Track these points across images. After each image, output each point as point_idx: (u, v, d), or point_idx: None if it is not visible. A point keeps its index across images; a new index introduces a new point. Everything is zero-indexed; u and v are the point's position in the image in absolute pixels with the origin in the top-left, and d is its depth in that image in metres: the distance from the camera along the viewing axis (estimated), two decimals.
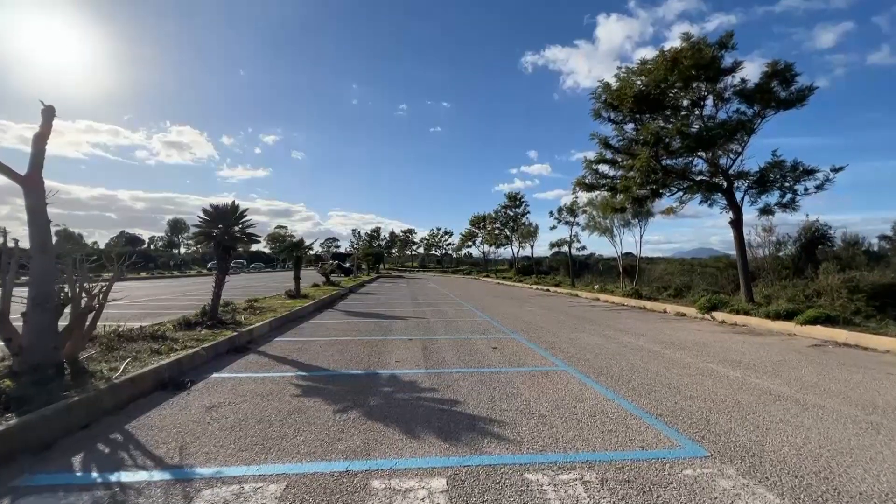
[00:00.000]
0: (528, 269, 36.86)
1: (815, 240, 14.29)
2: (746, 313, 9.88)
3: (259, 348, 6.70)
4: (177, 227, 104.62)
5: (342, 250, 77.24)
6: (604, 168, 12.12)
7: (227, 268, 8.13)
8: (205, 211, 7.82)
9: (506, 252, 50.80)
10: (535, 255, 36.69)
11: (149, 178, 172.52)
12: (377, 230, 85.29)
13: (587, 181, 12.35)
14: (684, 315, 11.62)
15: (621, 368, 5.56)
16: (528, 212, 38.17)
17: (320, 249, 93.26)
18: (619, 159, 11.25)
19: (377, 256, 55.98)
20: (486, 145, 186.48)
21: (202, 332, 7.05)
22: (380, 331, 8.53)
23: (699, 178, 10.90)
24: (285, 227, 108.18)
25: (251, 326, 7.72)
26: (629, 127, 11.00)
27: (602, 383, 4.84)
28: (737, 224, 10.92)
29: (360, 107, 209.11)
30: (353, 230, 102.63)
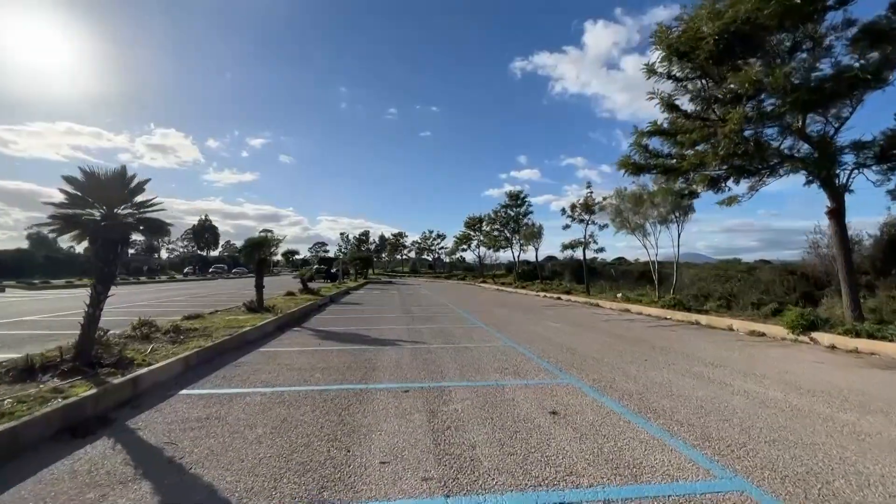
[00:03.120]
0: (530, 274, 33.92)
1: None
2: (871, 336, 7.14)
3: (129, 421, 3.69)
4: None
5: (331, 255, 73.74)
6: (654, 145, 9.33)
7: (114, 274, 5.10)
8: (70, 180, 4.79)
9: (503, 256, 48.03)
10: (536, 260, 33.74)
11: None
12: (366, 234, 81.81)
13: (634, 160, 9.52)
14: (763, 335, 8.87)
15: (844, 476, 2.69)
16: (531, 211, 35.14)
17: (308, 254, 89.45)
18: (687, 128, 8.42)
19: (365, 261, 52.79)
20: (476, 150, 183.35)
21: (47, 384, 4.04)
22: (358, 371, 5.57)
23: (789, 152, 8.18)
24: (271, 231, 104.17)
25: (145, 370, 4.70)
26: (695, 86, 8.26)
27: None
28: (836, 214, 8.21)
29: (349, 110, 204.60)
30: (341, 234, 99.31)
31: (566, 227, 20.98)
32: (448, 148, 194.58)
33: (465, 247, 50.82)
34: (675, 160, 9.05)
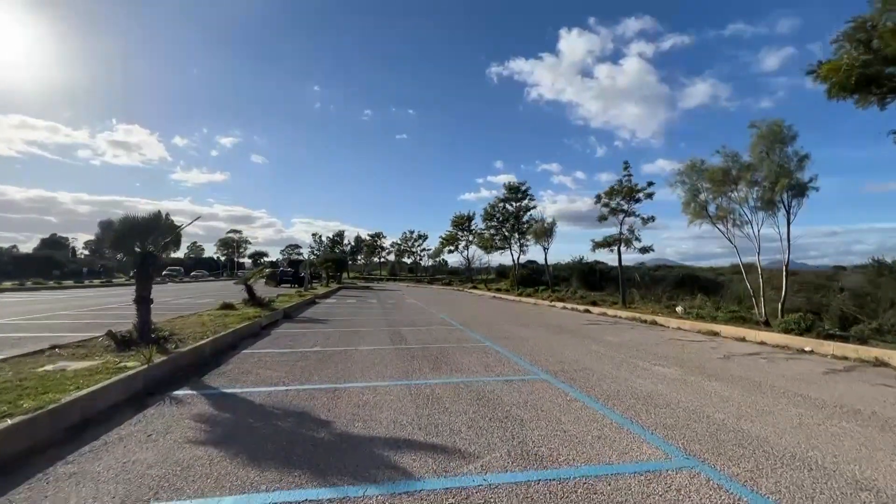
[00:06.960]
0: (529, 279, 29.59)
1: None
2: None
3: None
4: (109, 229, 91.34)
5: (303, 257, 67.40)
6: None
7: None
8: None
9: (495, 258, 43.57)
10: (546, 262, 29.04)
11: (93, 180, 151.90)
12: (341, 234, 75.65)
13: (855, 65, 5.09)
14: None
15: None
16: (534, 206, 29.99)
17: (280, 256, 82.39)
18: None
19: (339, 263, 47.24)
20: (453, 154, 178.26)
21: None
22: None
23: None
24: (240, 232, 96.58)
25: None
26: None
27: None
28: None
29: (323, 110, 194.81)
30: (314, 234, 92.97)
31: (602, 218, 16.68)
32: (424, 151, 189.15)
33: (451, 248, 46.11)
34: None
